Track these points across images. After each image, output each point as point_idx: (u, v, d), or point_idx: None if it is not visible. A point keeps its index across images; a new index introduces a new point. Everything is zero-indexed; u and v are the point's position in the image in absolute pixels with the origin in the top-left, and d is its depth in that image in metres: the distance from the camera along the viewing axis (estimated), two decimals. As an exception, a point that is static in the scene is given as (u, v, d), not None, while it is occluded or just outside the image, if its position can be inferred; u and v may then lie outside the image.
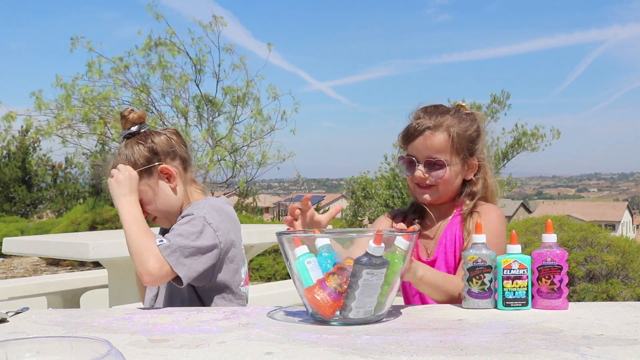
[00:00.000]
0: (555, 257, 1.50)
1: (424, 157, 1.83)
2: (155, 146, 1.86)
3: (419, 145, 1.83)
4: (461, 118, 1.86)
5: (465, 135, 1.84)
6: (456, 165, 1.84)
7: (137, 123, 1.89)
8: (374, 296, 1.32)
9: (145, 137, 1.87)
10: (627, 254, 7.79)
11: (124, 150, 1.86)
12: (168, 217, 1.88)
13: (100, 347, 0.80)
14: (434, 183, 1.84)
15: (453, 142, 1.82)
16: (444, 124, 1.83)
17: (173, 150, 1.88)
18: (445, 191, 1.86)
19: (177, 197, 1.86)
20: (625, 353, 1.09)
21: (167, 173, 1.85)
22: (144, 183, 1.83)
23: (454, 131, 1.82)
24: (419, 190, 1.87)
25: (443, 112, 1.85)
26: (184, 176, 1.89)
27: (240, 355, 1.12)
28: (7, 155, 19.59)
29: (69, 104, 8.22)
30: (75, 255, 3.71)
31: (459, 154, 1.83)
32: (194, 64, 8.62)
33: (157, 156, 1.85)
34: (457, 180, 1.86)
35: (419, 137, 1.83)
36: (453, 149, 1.82)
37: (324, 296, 1.32)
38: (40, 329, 1.38)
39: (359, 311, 1.32)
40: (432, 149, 1.82)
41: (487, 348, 1.13)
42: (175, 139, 1.90)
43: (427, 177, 1.83)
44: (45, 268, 9.33)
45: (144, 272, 1.61)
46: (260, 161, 8.90)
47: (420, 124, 1.83)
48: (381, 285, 1.32)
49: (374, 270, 1.29)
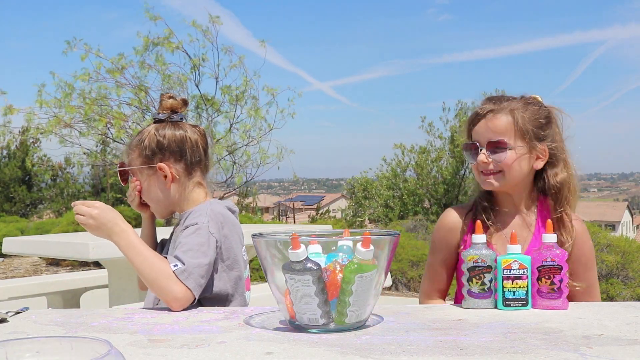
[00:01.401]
0: (555, 257, 1.50)
1: (486, 140, 1.77)
2: (164, 142, 1.85)
3: (481, 129, 1.78)
4: (527, 102, 1.80)
5: (532, 119, 1.77)
6: (521, 148, 1.75)
7: (167, 111, 1.90)
8: (310, 303, 1.26)
9: (162, 128, 1.87)
10: (627, 254, 7.79)
11: (144, 132, 1.89)
12: (157, 210, 1.91)
13: (100, 347, 0.80)
14: (499, 168, 1.76)
15: (517, 125, 1.75)
16: (508, 107, 1.77)
17: (181, 151, 1.87)
18: (511, 177, 1.76)
19: (168, 197, 1.87)
20: (625, 353, 1.09)
21: (164, 174, 1.85)
22: (144, 172, 1.87)
23: (518, 114, 1.76)
24: (484, 177, 1.79)
25: (508, 98, 1.81)
26: (184, 178, 1.88)
27: (240, 355, 1.12)
28: (7, 155, 19.60)
29: (68, 104, 8.22)
30: (75, 255, 3.71)
31: (524, 138, 1.75)
32: (193, 63, 8.62)
33: (162, 152, 1.85)
34: (524, 166, 1.77)
35: (481, 120, 1.79)
36: (517, 131, 1.75)
37: (289, 298, 1.30)
38: (40, 329, 1.38)
39: (302, 317, 1.28)
40: (494, 131, 1.76)
41: (487, 348, 1.13)
42: (192, 140, 1.89)
43: (490, 161, 1.76)
44: (45, 268, 9.33)
45: (171, 300, 1.59)
46: (260, 161, 8.90)
47: (484, 108, 1.79)
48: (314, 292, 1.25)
49: (294, 275, 1.25)
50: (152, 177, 1.86)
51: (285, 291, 1.31)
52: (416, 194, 19.59)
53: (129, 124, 8.29)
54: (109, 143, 9.21)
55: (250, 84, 8.79)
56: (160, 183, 1.86)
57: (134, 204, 1.93)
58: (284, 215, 29.25)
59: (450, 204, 19.25)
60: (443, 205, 19.26)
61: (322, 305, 1.26)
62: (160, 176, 1.85)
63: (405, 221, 13.76)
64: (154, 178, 1.86)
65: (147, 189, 1.88)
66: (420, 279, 8.37)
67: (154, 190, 1.87)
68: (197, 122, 8.83)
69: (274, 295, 1.35)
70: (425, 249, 8.78)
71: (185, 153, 1.87)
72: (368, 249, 1.25)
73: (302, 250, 1.24)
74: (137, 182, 1.89)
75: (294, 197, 44.94)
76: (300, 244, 1.24)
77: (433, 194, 19.49)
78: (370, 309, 1.33)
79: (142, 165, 1.86)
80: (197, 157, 1.90)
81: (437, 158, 19.80)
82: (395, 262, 7.96)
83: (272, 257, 1.32)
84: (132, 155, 1.89)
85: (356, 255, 1.26)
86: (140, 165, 1.87)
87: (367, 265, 1.26)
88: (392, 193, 20.13)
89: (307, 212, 33.37)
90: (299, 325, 1.30)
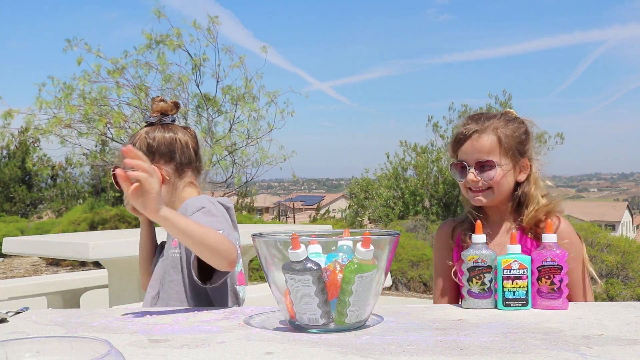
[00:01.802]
0: (555, 257, 1.50)
1: (474, 160, 1.86)
2: (153, 144, 1.88)
3: (468, 149, 1.87)
4: (508, 120, 1.90)
5: (513, 136, 1.87)
6: (506, 165, 1.86)
7: (157, 114, 1.93)
8: (310, 303, 1.26)
9: (152, 131, 1.90)
10: (627, 254, 7.79)
11: (137, 135, 1.92)
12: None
13: (100, 347, 0.80)
14: (487, 185, 1.85)
15: (501, 143, 1.85)
16: (491, 126, 1.86)
17: (170, 153, 1.89)
18: (499, 193, 1.87)
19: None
20: (625, 353, 1.09)
21: None
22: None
23: (501, 132, 1.86)
24: (472, 194, 1.88)
25: (489, 117, 1.90)
26: (174, 181, 1.91)
27: (240, 355, 1.12)
28: (7, 155, 19.59)
29: (68, 104, 8.22)
30: (75, 255, 3.71)
31: (508, 154, 1.86)
32: (195, 63, 8.62)
33: (152, 155, 1.87)
34: (509, 181, 1.88)
35: (467, 141, 1.87)
36: (502, 149, 1.85)
37: (288, 298, 1.30)
38: (40, 329, 1.38)
39: (302, 317, 1.28)
40: (481, 151, 1.85)
41: (487, 348, 1.13)
42: (182, 142, 1.91)
43: (479, 179, 1.85)
44: (45, 268, 9.33)
45: (232, 260, 1.59)
46: (259, 161, 8.89)
47: (468, 128, 1.87)
48: (314, 292, 1.25)
49: (294, 275, 1.25)
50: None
51: (285, 291, 1.31)
52: (417, 194, 19.59)
53: (128, 124, 8.29)
54: (109, 143, 9.20)
55: (250, 85, 8.78)
56: None
57: (130, 207, 1.94)
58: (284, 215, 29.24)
59: (451, 204, 19.26)
60: (443, 205, 19.26)
61: (322, 305, 1.26)
62: None
63: (406, 221, 13.76)
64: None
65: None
66: (420, 278, 8.33)
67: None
68: (198, 122, 8.83)
69: (274, 295, 1.35)
70: (426, 249, 8.78)
71: (175, 154, 1.90)
72: (368, 249, 1.25)
73: (302, 250, 1.24)
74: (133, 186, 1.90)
75: (294, 197, 44.96)
76: (300, 244, 1.24)
77: (434, 194, 19.49)
78: (370, 309, 1.33)
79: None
80: (187, 158, 1.92)
81: (438, 158, 19.81)
82: (395, 262, 7.96)
83: (272, 257, 1.32)
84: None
85: (356, 255, 1.26)
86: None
87: (367, 265, 1.26)
88: (392, 193, 20.13)
89: (307, 212, 33.35)
90: (299, 325, 1.30)
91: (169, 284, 1.82)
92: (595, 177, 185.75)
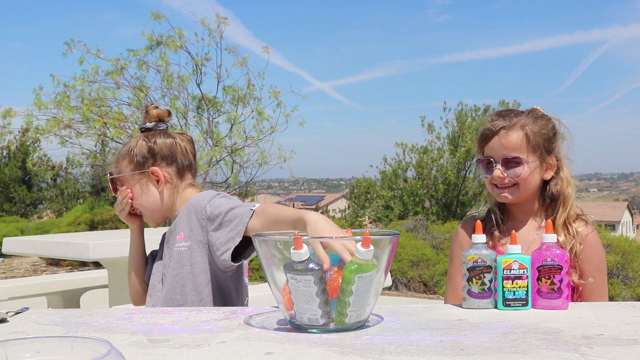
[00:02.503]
0: (555, 257, 1.50)
1: (500, 156, 1.86)
2: (155, 147, 1.91)
3: (495, 145, 1.87)
4: (535, 117, 1.89)
5: (541, 133, 1.87)
6: (533, 162, 1.85)
7: (154, 120, 1.95)
8: (311, 303, 1.26)
9: (152, 136, 1.92)
10: (627, 254, 7.79)
11: (132, 142, 1.93)
12: (152, 216, 1.94)
13: (100, 347, 0.80)
14: (513, 182, 1.85)
15: (529, 140, 1.85)
16: (519, 122, 1.86)
17: (172, 156, 1.92)
18: (525, 190, 1.87)
19: (161, 201, 1.92)
20: (625, 353, 1.09)
21: (157, 176, 1.90)
22: (136, 179, 1.90)
23: (529, 129, 1.85)
24: (498, 191, 1.88)
25: (517, 114, 1.90)
26: (176, 182, 1.93)
27: (240, 355, 1.12)
28: (7, 155, 19.59)
29: (67, 104, 8.22)
30: (75, 255, 3.72)
31: (535, 152, 1.85)
32: (196, 63, 8.61)
33: (154, 157, 1.90)
34: (536, 178, 1.87)
35: (494, 137, 1.87)
36: (529, 146, 1.85)
37: (288, 297, 1.30)
38: (40, 329, 1.38)
39: (302, 317, 1.28)
40: (508, 147, 1.85)
41: (487, 348, 1.13)
42: (182, 146, 1.95)
43: (505, 176, 1.85)
44: (45, 268, 9.33)
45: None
46: (259, 161, 8.89)
47: (495, 124, 1.87)
48: (315, 293, 1.25)
49: (295, 275, 1.25)
50: (144, 182, 1.90)
51: (283, 290, 1.31)
52: (416, 194, 19.59)
53: (128, 124, 8.29)
54: (108, 143, 9.20)
55: (253, 87, 8.77)
56: (152, 188, 1.90)
57: (123, 214, 1.96)
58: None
59: (451, 204, 19.25)
60: (443, 205, 19.26)
61: (322, 305, 1.26)
62: (152, 180, 1.90)
63: (405, 221, 13.76)
64: (146, 183, 1.90)
65: (139, 196, 1.91)
66: (420, 278, 8.33)
67: (148, 195, 1.90)
68: (198, 122, 8.82)
69: (274, 295, 1.35)
70: (426, 249, 8.78)
71: (177, 158, 1.94)
72: (368, 249, 1.25)
73: (305, 250, 1.24)
74: (128, 190, 1.92)
75: (294, 197, 44.92)
76: (302, 244, 1.24)
77: (433, 194, 19.48)
78: (370, 309, 1.33)
79: (133, 171, 1.90)
80: (188, 161, 1.96)
81: (438, 158, 19.81)
82: (395, 262, 7.96)
83: (272, 257, 1.32)
84: (122, 163, 1.93)
85: (356, 255, 1.26)
86: (131, 172, 1.90)
87: (367, 265, 1.26)
88: (392, 193, 20.12)
89: (307, 212, 33.19)
90: (299, 325, 1.30)
91: (174, 279, 1.82)
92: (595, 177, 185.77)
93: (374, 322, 1.36)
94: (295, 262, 1.25)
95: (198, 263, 1.80)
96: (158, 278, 1.91)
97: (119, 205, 1.94)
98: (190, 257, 1.80)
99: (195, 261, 1.80)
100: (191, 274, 1.80)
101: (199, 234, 1.80)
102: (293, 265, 1.25)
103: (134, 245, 2.01)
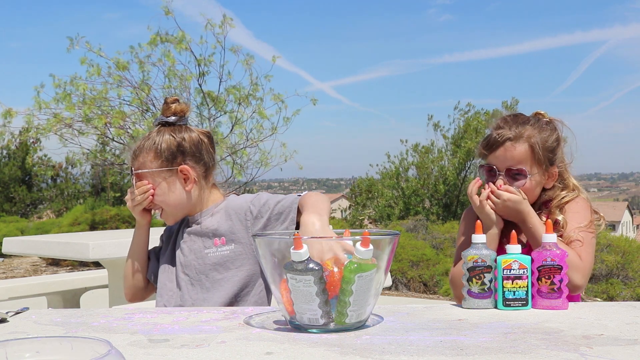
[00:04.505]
0: (555, 257, 1.50)
1: (504, 167, 1.87)
2: (184, 143, 1.85)
3: (500, 156, 1.87)
4: (541, 128, 1.90)
5: (546, 146, 1.88)
6: (537, 174, 1.87)
7: (177, 114, 1.88)
8: (311, 303, 1.26)
9: (179, 131, 1.86)
10: (627, 254, 7.79)
11: (155, 136, 1.85)
12: (174, 214, 1.89)
13: (100, 347, 0.80)
14: None
15: (534, 153, 1.86)
16: (525, 134, 1.86)
17: (200, 153, 1.88)
18: (527, 199, 1.87)
19: (188, 200, 1.87)
20: (625, 353, 1.09)
21: (186, 175, 1.85)
22: (162, 176, 1.84)
23: (534, 142, 1.86)
24: None
25: (523, 122, 1.89)
26: (203, 181, 1.89)
27: (240, 355, 1.12)
28: (7, 155, 19.59)
29: (68, 103, 8.21)
30: (75, 255, 3.71)
31: (540, 165, 1.87)
32: (198, 63, 8.60)
33: (183, 154, 1.85)
34: (538, 188, 1.90)
35: (500, 147, 1.87)
36: (534, 159, 1.86)
37: (287, 297, 1.30)
38: (40, 329, 1.38)
39: (302, 317, 1.28)
40: (513, 160, 1.86)
41: (487, 348, 1.13)
42: (206, 142, 1.90)
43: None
44: (45, 268, 9.33)
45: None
46: (260, 161, 8.88)
47: (501, 134, 1.87)
48: (315, 293, 1.24)
49: (296, 275, 1.25)
50: (172, 180, 1.84)
51: (280, 284, 1.31)
52: (417, 194, 19.59)
53: (128, 123, 8.28)
54: (109, 142, 9.19)
55: (256, 86, 8.76)
56: (180, 186, 1.85)
57: (139, 209, 1.88)
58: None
59: (451, 204, 19.25)
60: (443, 205, 19.25)
61: (322, 305, 1.26)
62: (180, 178, 1.84)
63: (406, 221, 13.75)
64: (174, 181, 1.85)
65: (165, 193, 1.85)
66: (420, 278, 8.31)
67: (175, 193, 1.85)
68: (199, 121, 8.82)
69: (274, 295, 1.35)
70: (426, 249, 8.78)
71: (203, 155, 1.88)
72: (368, 249, 1.25)
73: (305, 250, 1.24)
74: (149, 186, 1.85)
75: (294, 197, 44.83)
76: (302, 244, 1.24)
77: (434, 194, 19.48)
78: (370, 309, 1.33)
79: (161, 167, 1.84)
80: (212, 160, 1.91)
81: (439, 158, 19.80)
82: (395, 262, 7.96)
83: (272, 257, 1.32)
84: (146, 158, 1.85)
85: (356, 255, 1.26)
86: (158, 168, 1.84)
87: (367, 265, 1.26)
88: (393, 193, 20.12)
89: (307, 212, 33.19)
90: (299, 325, 1.30)
91: (217, 282, 1.82)
92: (595, 177, 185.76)
93: (374, 322, 1.36)
94: (295, 262, 1.25)
95: (244, 265, 1.83)
96: (169, 277, 1.89)
97: (135, 200, 1.85)
98: (234, 261, 1.83)
99: (241, 264, 1.83)
100: (237, 277, 1.82)
101: (243, 237, 1.82)
102: (293, 265, 1.25)
103: (141, 242, 1.97)
